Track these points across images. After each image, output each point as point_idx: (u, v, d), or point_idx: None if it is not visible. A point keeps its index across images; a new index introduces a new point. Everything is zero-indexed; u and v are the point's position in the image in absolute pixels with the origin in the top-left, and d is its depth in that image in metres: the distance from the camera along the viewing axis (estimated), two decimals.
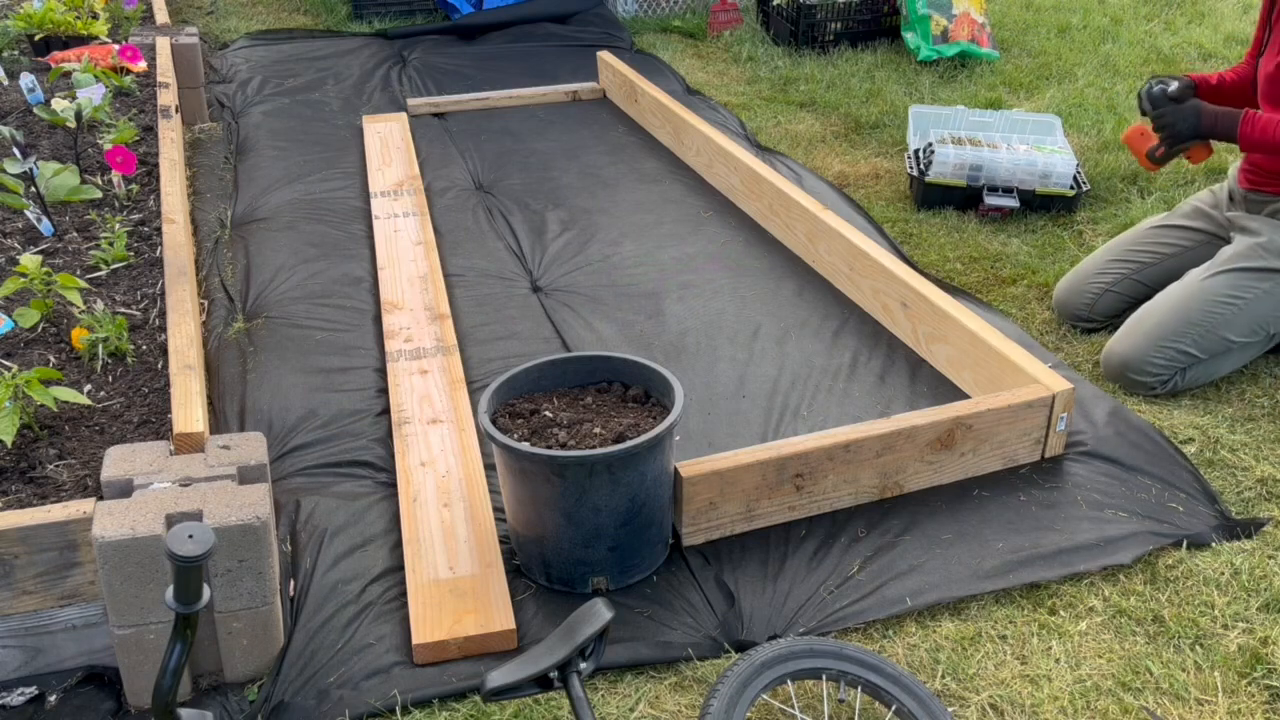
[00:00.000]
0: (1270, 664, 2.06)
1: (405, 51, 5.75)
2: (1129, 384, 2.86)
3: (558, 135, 4.67)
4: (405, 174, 4.13)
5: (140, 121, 3.93)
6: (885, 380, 2.92)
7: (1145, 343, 2.82)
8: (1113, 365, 2.89)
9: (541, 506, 2.13)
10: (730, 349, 3.06)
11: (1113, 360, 2.89)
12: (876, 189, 4.17)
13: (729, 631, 2.12)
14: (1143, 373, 2.82)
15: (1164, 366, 2.81)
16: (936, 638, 2.12)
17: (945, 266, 3.54)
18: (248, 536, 1.88)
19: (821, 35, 5.73)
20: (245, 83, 5.27)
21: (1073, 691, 2.00)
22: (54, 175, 3.28)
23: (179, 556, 1.40)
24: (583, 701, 1.74)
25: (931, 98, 5.04)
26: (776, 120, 4.90)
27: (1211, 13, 6.35)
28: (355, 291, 3.36)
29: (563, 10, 6.15)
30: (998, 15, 6.31)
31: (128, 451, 2.03)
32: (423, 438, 2.60)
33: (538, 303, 3.32)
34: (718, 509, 2.32)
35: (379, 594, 2.21)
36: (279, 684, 1.99)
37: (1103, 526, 2.38)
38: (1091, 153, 4.40)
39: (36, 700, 1.97)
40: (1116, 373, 2.88)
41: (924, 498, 2.48)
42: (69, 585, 1.94)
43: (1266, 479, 2.55)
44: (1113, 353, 2.89)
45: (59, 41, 4.71)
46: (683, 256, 3.59)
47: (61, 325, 2.63)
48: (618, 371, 2.38)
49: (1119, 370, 2.87)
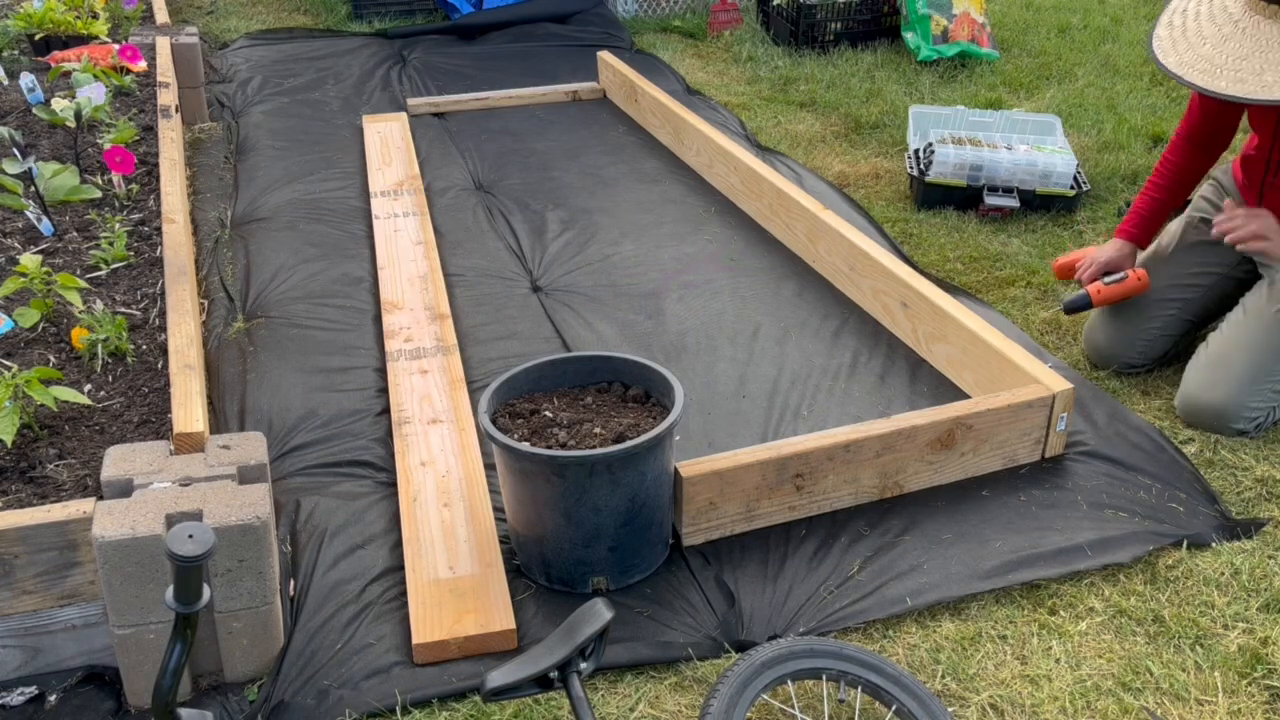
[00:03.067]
0: (1270, 664, 2.06)
1: (405, 51, 5.75)
2: (1222, 430, 2.71)
3: (558, 135, 4.67)
4: (405, 174, 4.13)
5: (140, 121, 3.93)
6: (885, 380, 2.92)
7: (1239, 388, 2.65)
8: (1203, 415, 2.71)
9: (541, 506, 2.13)
10: (730, 349, 3.06)
11: (1203, 411, 2.70)
12: (876, 189, 4.17)
13: (729, 631, 2.12)
14: (1240, 419, 2.67)
15: (1260, 409, 2.68)
16: (937, 638, 2.12)
17: (945, 266, 3.54)
18: (248, 536, 1.88)
19: (821, 35, 5.73)
20: (245, 82, 5.27)
21: (1073, 691, 2.00)
22: (54, 175, 3.28)
23: (179, 556, 1.40)
24: (583, 701, 1.74)
25: (931, 98, 5.04)
26: (776, 120, 4.90)
27: None
28: (355, 291, 3.36)
29: (563, 10, 6.15)
30: (998, 15, 6.31)
31: (128, 451, 2.03)
32: (423, 437, 2.60)
33: (538, 302, 3.32)
34: (718, 509, 2.32)
35: (379, 594, 2.21)
36: (279, 684, 1.99)
37: (1103, 526, 2.38)
38: (1091, 153, 4.40)
39: (36, 700, 1.97)
40: (1209, 423, 2.71)
41: (924, 498, 2.48)
42: (69, 585, 1.94)
43: (1266, 479, 2.55)
44: (1202, 402, 2.70)
45: (59, 41, 4.71)
46: (683, 256, 3.59)
47: (61, 325, 2.62)
48: (618, 371, 2.38)
49: (1213, 420, 2.70)
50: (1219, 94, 2.44)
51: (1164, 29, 2.60)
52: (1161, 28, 2.61)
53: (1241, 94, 2.41)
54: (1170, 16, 2.63)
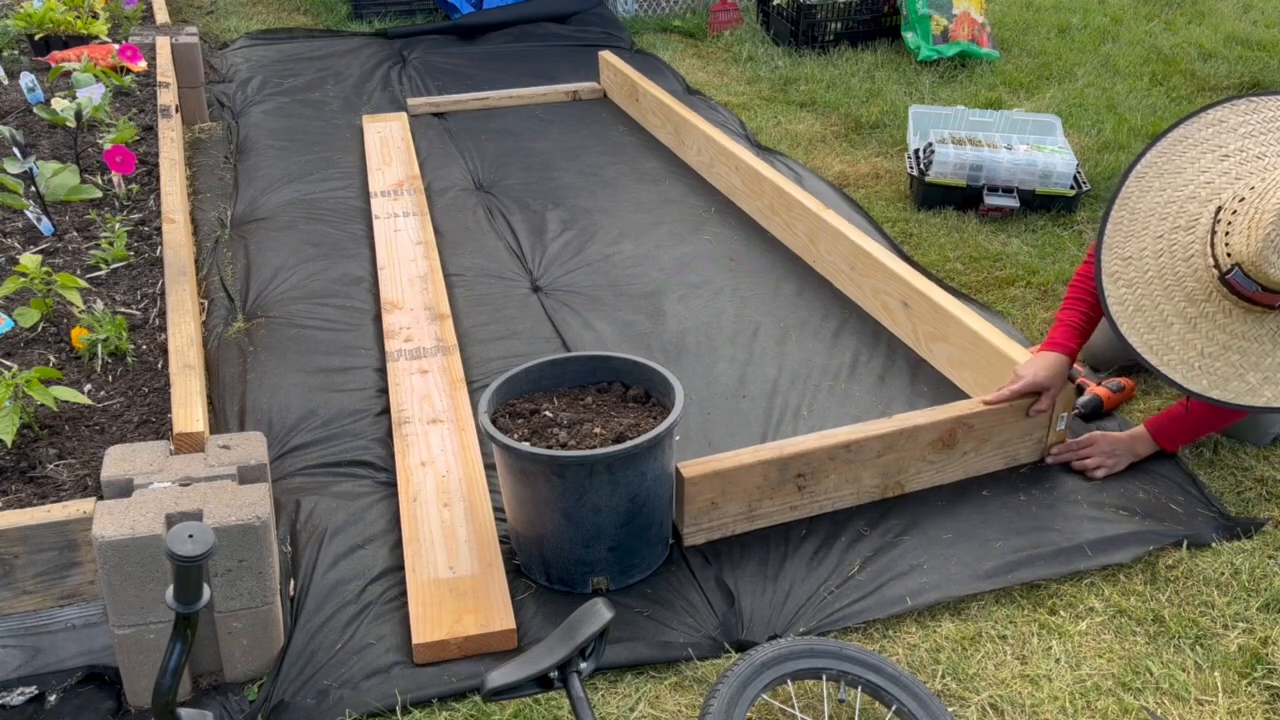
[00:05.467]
0: (1270, 664, 2.06)
1: (405, 51, 5.75)
2: (1246, 440, 2.68)
3: (558, 135, 4.67)
4: (405, 174, 4.13)
5: (140, 121, 3.93)
6: (885, 380, 2.92)
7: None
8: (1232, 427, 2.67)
9: (541, 506, 2.13)
10: (730, 349, 3.06)
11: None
12: (876, 189, 4.17)
13: (729, 631, 2.11)
14: (1266, 435, 2.67)
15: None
16: (937, 638, 2.12)
17: (945, 266, 3.54)
18: (248, 536, 1.88)
19: (821, 35, 5.73)
20: (245, 82, 5.27)
21: (1073, 691, 2.00)
22: (54, 175, 3.27)
23: (179, 556, 1.40)
24: (583, 701, 1.74)
25: (931, 98, 5.04)
26: (776, 120, 4.90)
27: (1211, 13, 6.35)
28: (355, 291, 3.36)
29: (563, 10, 6.15)
30: (998, 15, 6.31)
31: (128, 451, 2.03)
32: (423, 437, 2.60)
33: (538, 302, 3.32)
34: (719, 509, 2.32)
35: (379, 594, 2.21)
36: (279, 684, 1.99)
37: (1103, 526, 2.38)
38: (1091, 153, 4.40)
39: (36, 700, 1.97)
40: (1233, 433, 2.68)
41: (924, 497, 2.48)
42: (69, 585, 1.94)
43: (1266, 479, 2.55)
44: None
45: (59, 41, 4.71)
46: (683, 256, 3.59)
47: (61, 325, 2.62)
48: (618, 371, 2.38)
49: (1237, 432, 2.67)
50: (1204, 397, 2.29)
51: (1120, 287, 2.39)
52: (1113, 285, 2.39)
53: (1225, 399, 2.28)
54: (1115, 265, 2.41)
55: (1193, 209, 2.34)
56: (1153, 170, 2.40)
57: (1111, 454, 2.57)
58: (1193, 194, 2.35)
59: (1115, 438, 2.60)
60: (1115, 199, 2.41)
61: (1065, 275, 3.44)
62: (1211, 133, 2.38)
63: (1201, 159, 2.37)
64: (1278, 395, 2.26)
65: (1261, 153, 2.33)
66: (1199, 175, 2.36)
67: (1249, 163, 2.33)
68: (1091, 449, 2.58)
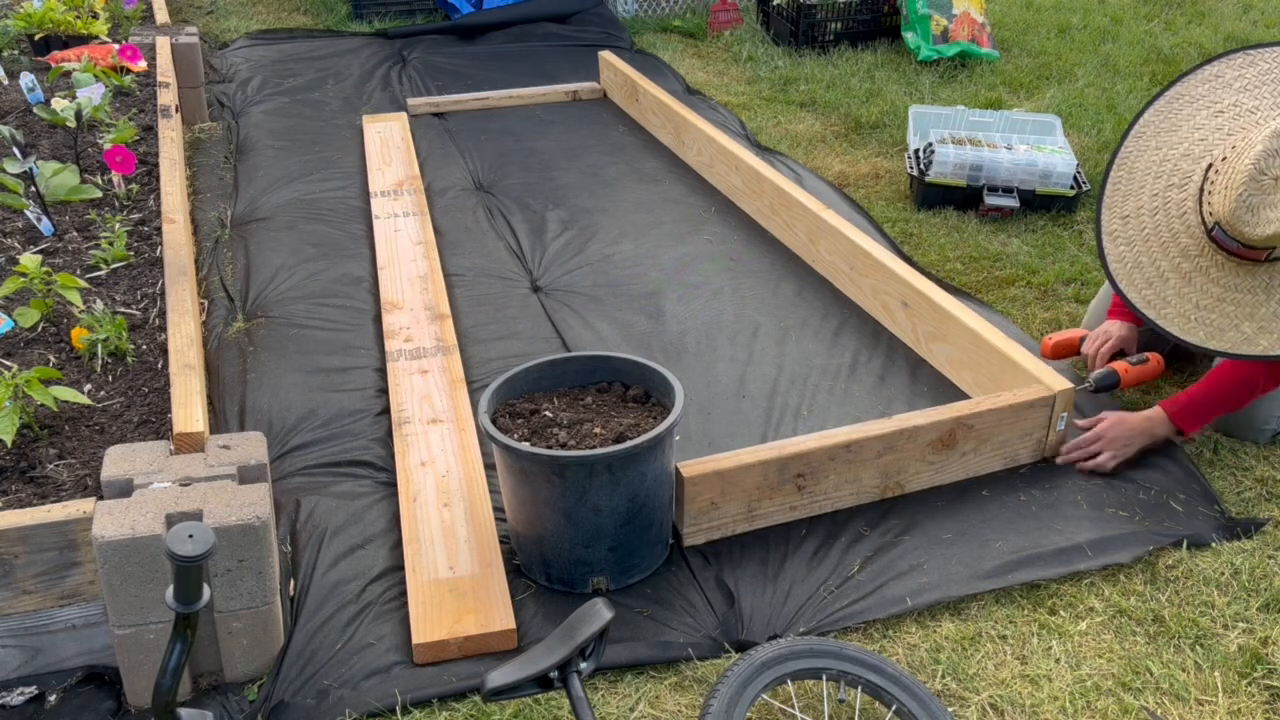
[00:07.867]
0: (1270, 664, 2.06)
1: (405, 51, 5.75)
2: (1244, 436, 2.69)
3: (558, 135, 4.67)
4: (405, 174, 4.13)
5: (140, 121, 3.93)
6: (885, 380, 2.92)
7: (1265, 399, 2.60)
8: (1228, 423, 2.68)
9: (541, 506, 2.13)
10: (730, 349, 3.06)
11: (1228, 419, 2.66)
12: (876, 189, 4.17)
13: (729, 631, 2.12)
14: (1263, 431, 2.67)
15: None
16: (937, 638, 2.12)
17: (945, 266, 3.54)
18: (248, 536, 1.88)
19: (821, 35, 5.73)
20: (245, 82, 5.27)
21: (1073, 691, 2.00)
22: (54, 175, 3.27)
23: (179, 556, 1.40)
24: (583, 701, 1.74)
25: (931, 98, 5.04)
26: (776, 120, 4.90)
27: (1211, 13, 6.35)
28: (355, 291, 3.36)
29: (563, 10, 6.15)
30: (998, 15, 6.31)
31: (128, 451, 2.03)
32: (423, 437, 2.60)
33: (538, 302, 3.32)
34: (719, 509, 2.32)
35: (379, 594, 2.21)
36: (279, 684, 1.99)
37: (1103, 526, 2.38)
38: (1091, 153, 4.40)
39: (36, 700, 1.97)
40: (1231, 430, 2.69)
41: (924, 497, 2.48)
42: (69, 585, 1.94)
43: (1266, 479, 2.55)
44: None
45: (59, 41, 4.71)
46: (683, 256, 3.59)
47: (61, 325, 2.62)
48: (618, 371, 2.38)
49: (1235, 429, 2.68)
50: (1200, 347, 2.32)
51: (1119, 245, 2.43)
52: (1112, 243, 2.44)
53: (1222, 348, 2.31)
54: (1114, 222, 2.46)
55: (1186, 166, 2.40)
56: (1150, 129, 2.46)
57: (1122, 441, 2.56)
58: (1187, 151, 2.41)
59: (1128, 420, 2.58)
60: (1114, 159, 2.47)
61: (1065, 275, 3.45)
62: (1208, 88, 2.43)
63: (1196, 115, 2.43)
64: (1273, 344, 2.31)
65: (1255, 106, 2.38)
66: (1194, 133, 2.41)
67: (1242, 117, 2.38)
68: (1100, 443, 2.57)
